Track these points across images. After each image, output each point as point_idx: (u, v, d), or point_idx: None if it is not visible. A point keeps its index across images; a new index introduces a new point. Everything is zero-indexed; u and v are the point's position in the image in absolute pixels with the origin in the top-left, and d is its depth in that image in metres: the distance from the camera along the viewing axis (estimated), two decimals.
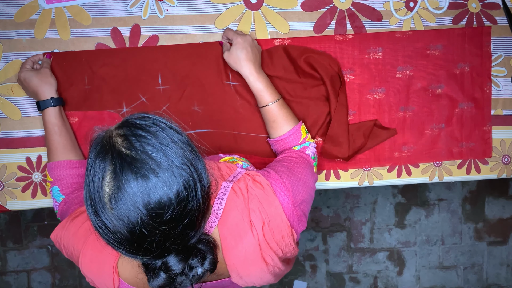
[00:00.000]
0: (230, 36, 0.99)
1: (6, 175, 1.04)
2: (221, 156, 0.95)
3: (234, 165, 0.86)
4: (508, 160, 1.13)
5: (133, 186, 0.60)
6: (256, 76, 0.96)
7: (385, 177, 1.10)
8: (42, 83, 0.96)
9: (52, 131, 0.96)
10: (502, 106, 1.11)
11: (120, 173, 0.61)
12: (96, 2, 1.01)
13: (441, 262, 2.08)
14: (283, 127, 0.97)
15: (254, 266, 0.77)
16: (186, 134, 0.68)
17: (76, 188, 0.94)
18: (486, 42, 1.09)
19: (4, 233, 1.93)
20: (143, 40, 1.02)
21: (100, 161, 0.62)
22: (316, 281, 2.04)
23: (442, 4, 1.07)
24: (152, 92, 1.03)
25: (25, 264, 1.95)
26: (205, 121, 1.05)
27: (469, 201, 2.05)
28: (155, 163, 0.62)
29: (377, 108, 1.08)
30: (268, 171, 0.84)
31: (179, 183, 0.63)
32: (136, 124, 0.64)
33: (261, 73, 0.98)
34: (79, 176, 0.96)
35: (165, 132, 0.65)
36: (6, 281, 1.95)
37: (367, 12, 1.06)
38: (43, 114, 0.97)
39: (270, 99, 0.96)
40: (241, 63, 0.96)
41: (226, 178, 0.81)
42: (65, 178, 0.94)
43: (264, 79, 0.97)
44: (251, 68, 0.96)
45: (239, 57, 0.96)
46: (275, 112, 0.97)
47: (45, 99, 0.96)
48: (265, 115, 0.98)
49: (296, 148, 0.95)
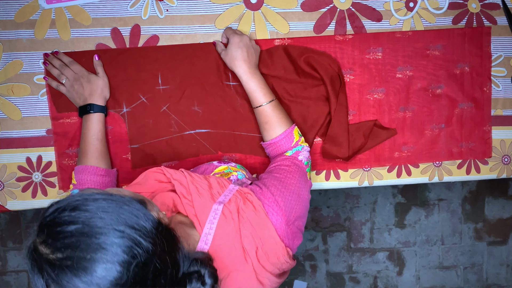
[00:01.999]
0: (228, 35, 0.99)
1: (6, 175, 1.04)
2: (216, 164, 0.93)
3: (227, 180, 0.84)
4: (508, 160, 1.13)
5: (79, 283, 0.55)
6: (249, 76, 0.96)
7: (385, 177, 1.10)
8: (104, 88, 0.99)
9: (95, 136, 0.97)
10: (502, 106, 1.11)
11: (60, 280, 0.56)
12: (96, 2, 1.01)
13: (441, 262, 2.08)
14: (276, 129, 0.96)
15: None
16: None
17: None
18: (486, 42, 1.09)
19: (4, 233, 1.93)
20: (143, 40, 1.02)
21: (38, 276, 0.57)
22: (316, 281, 2.04)
23: (442, 4, 1.07)
24: (152, 92, 1.03)
25: (25, 264, 1.94)
26: (205, 121, 1.05)
27: (469, 201, 2.05)
28: (85, 251, 0.56)
29: (377, 108, 1.08)
30: (260, 186, 0.82)
31: (118, 254, 0.57)
32: (48, 223, 0.58)
33: (256, 73, 0.97)
34: (101, 184, 0.96)
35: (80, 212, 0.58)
36: (6, 281, 1.95)
37: (367, 12, 1.06)
38: (90, 118, 0.97)
39: (264, 100, 0.96)
40: (235, 62, 0.96)
41: (217, 199, 0.78)
42: (87, 183, 0.95)
43: (258, 79, 0.96)
44: (245, 68, 0.96)
45: (234, 56, 0.96)
46: (268, 113, 0.96)
47: (100, 104, 0.98)
48: (258, 116, 0.97)
49: (288, 153, 0.93)
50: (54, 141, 1.03)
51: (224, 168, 0.92)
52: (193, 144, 1.05)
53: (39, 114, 1.03)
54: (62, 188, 1.05)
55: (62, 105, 1.02)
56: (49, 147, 1.04)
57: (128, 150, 1.04)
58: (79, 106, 0.99)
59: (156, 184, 0.83)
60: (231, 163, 0.94)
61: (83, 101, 0.98)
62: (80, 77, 0.98)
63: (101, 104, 0.99)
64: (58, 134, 1.03)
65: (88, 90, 0.98)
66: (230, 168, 0.92)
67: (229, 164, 0.94)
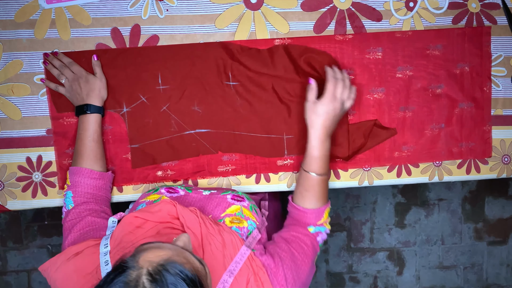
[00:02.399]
0: (328, 85, 0.94)
1: (6, 175, 1.04)
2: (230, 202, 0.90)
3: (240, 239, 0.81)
4: (508, 160, 1.13)
5: None
6: (319, 143, 0.93)
7: (385, 177, 1.10)
8: (102, 89, 0.98)
9: (91, 138, 0.96)
10: (502, 106, 1.11)
11: None
12: (96, 2, 1.01)
13: (441, 262, 2.08)
14: (311, 201, 0.94)
15: None
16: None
17: (87, 199, 0.93)
18: (486, 42, 1.09)
19: (4, 233, 1.94)
20: (143, 40, 1.02)
21: None
22: (316, 280, 2.04)
23: (442, 4, 1.07)
24: (152, 92, 1.03)
25: (26, 264, 1.95)
26: (205, 121, 1.05)
27: (469, 201, 2.05)
28: None
29: (377, 108, 1.08)
30: (275, 262, 0.80)
31: None
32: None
33: (326, 142, 0.94)
34: (95, 187, 0.95)
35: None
36: (6, 281, 1.95)
37: (367, 12, 1.06)
38: (86, 118, 0.97)
39: (318, 171, 0.93)
40: (315, 124, 0.93)
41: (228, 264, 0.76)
42: (80, 186, 0.94)
43: (324, 149, 0.94)
44: (320, 134, 0.93)
45: (316, 117, 0.92)
46: (313, 184, 0.93)
47: (97, 104, 0.98)
48: (302, 179, 0.95)
49: (311, 229, 0.92)
50: (54, 141, 1.03)
51: (236, 209, 0.89)
52: (193, 144, 1.05)
53: (39, 114, 1.03)
54: (62, 188, 1.05)
55: (62, 105, 1.02)
56: (49, 147, 1.04)
57: (128, 150, 1.04)
58: (76, 106, 0.99)
59: (166, 217, 0.81)
60: (244, 202, 0.91)
61: (81, 101, 0.98)
62: (79, 78, 0.98)
63: (98, 105, 0.98)
64: (58, 134, 1.03)
65: (85, 90, 0.97)
66: (243, 210, 0.89)
67: (242, 203, 0.91)
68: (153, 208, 0.82)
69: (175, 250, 0.62)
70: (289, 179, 1.08)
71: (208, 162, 1.06)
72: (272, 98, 1.05)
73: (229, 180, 1.07)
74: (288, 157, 1.07)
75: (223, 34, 1.03)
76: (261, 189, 1.08)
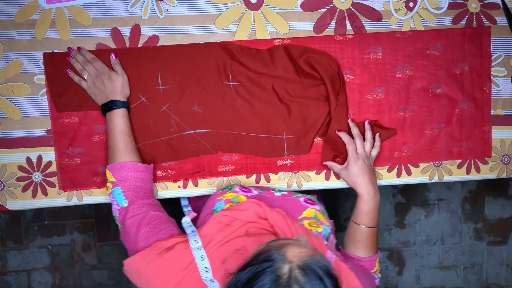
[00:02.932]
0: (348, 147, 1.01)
1: (6, 175, 1.04)
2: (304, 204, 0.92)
3: (324, 242, 0.84)
4: (508, 160, 1.13)
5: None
6: (371, 197, 0.98)
7: (385, 177, 1.10)
8: (125, 85, 0.99)
9: (124, 132, 0.97)
10: (502, 106, 1.11)
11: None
12: (96, 2, 1.01)
13: (441, 262, 2.08)
14: (363, 251, 0.98)
15: None
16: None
17: (138, 194, 0.93)
18: (486, 42, 1.09)
19: (4, 233, 1.94)
20: (143, 40, 1.02)
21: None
22: None
23: (441, 4, 1.07)
24: (152, 92, 1.03)
25: (26, 264, 1.95)
26: (205, 121, 1.05)
27: (469, 201, 2.05)
28: None
29: (377, 108, 1.08)
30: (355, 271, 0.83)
31: None
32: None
33: (377, 194, 1.00)
34: (142, 180, 0.95)
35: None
36: (7, 281, 1.95)
37: (367, 12, 1.06)
38: (114, 114, 0.97)
39: (369, 223, 0.98)
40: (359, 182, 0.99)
41: None
42: (129, 180, 0.94)
43: (375, 203, 0.99)
44: (368, 189, 0.98)
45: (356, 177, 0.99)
46: (364, 236, 0.98)
47: (122, 100, 0.98)
48: (353, 231, 0.99)
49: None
50: (54, 141, 1.03)
51: (311, 212, 0.91)
52: (193, 144, 1.05)
53: (39, 114, 1.03)
54: (62, 188, 1.05)
55: (62, 105, 1.02)
56: (49, 147, 1.04)
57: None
58: (102, 104, 0.99)
59: (253, 216, 0.83)
60: (316, 206, 0.94)
61: (105, 98, 0.98)
62: (101, 74, 0.98)
63: (124, 99, 0.99)
64: (58, 134, 1.03)
65: (109, 87, 0.98)
66: (317, 214, 0.91)
67: (314, 207, 0.93)
68: (240, 207, 0.84)
69: (310, 248, 0.65)
70: (289, 179, 1.08)
71: (208, 162, 1.06)
72: (272, 98, 1.05)
73: (229, 180, 1.07)
74: (288, 157, 1.07)
75: (223, 34, 1.03)
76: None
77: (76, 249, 1.95)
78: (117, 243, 1.95)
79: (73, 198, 1.05)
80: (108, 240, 1.94)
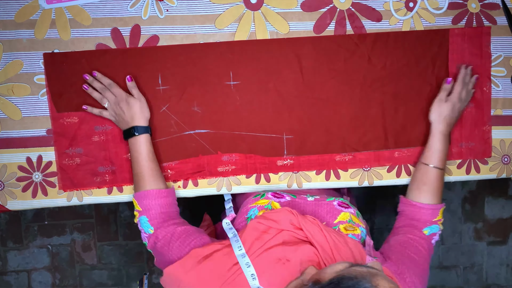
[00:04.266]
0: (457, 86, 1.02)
1: (6, 175, 1.04)
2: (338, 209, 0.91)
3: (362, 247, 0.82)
4: (508, 160, 1.13)
5: None
6: (443, 137, 1.00)
7: (385, 177, 1.10)
8: (144, 109, 0.98)
9: (147, 158, 0.97)
10: (501, 106, 1.11)
11: None
12: (96, 2, 1.01)
13: (441, 262, 2.08)
14: (428, 197, 0.97)
15: None
16: None
17: (163, 219, 0.93)
18: (486, 42, 1.09)
19: (4, 233, 1.94)
20: (143, 40, 1.02)
21: None
22: None
23: (441, 4, 1.07)
24: (152, 92, 1.03)
25: (26, 264, 1.95)
26: (205, 121, 1.05)
27: (469, 201, 2.05)
28: None
29: None
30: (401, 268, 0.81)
31: None
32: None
33: (448, 137, 1.01)
34: (167, 205, 0.96)
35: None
36: (7, 281, 1.95)
37: (367, 12, 1.06)
38: (136, 141, 0.97)
39: (438, 164, 0.98)
40: (441, 120, 1.00)
41: None
42: (153, 208, 0.94)
43: (446, 143, 1.01)
44: (443, 129, 1.00)
45: (442, 114, 1.00)
46: (432, 178, 0.98)
47: (143, 125, 0.98)
48: (420, 174, 0.99)
49: (426, 232, 0.95)
50: (54, 141, 1.03)
51: (346, 216, 0.90)
52: (193, 145, 1.05)
53: (39, 114, 1.03)
54: (62, 188, 1.05)
55: (62, 105, 1.03)
56: (49, 147, 1.04)
57: (128, 150, 1.04)
58: (124, 130, 0.99)
59: (288, 225, 0.83)
60: (350, 209, 0.93)
61: (126, 125, 0.98)
62: (120, 101, 0.98)
63: (144, 125, 0.99)
64: (58, 134, 1.03)
65: (129, 114, 0.98)
66: (351, 217, 0.90)
67: (349, 210, 0.92)
68: (273, 215, 0.84)
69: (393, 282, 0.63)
70: (289, 179, 1.08)
71: (208, 162, 1.06)
72: (272, 98, 1.05)
73: (229, 180, 1.07)
74: (288, 157, 1.07)
75: (223, 34, 1.03)
76: (260, 189, 1.08)
77: (76, 249, 1.95)
78: (117, 243, 1.95)
79: (73, 198, 1.05)
80: (108, 240, 1.95)
